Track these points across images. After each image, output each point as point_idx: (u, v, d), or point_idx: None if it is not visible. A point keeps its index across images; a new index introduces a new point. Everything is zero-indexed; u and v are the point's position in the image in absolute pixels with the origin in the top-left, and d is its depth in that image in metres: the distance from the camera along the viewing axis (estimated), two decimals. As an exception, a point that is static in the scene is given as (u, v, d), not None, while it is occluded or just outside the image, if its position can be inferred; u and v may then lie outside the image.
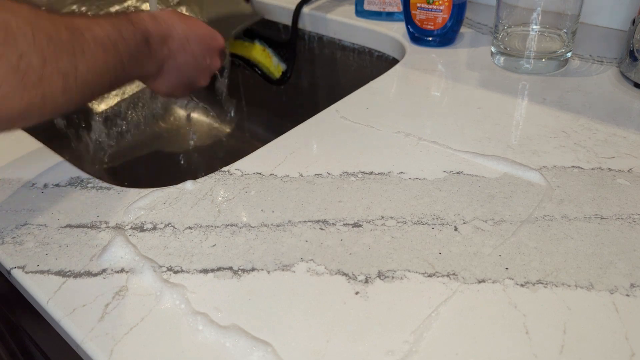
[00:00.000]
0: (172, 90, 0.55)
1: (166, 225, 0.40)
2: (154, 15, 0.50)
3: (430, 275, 0.34)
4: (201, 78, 0.57)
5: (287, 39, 0.80)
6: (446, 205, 0.40)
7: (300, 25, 0.79)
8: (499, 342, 0.30)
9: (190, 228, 0.39)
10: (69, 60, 0.36)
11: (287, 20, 0.79)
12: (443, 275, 0.34)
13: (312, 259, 0.36)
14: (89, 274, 0.36)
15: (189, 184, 0.44)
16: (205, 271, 0.36)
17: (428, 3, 0.62)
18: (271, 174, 0.44)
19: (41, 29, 0.35)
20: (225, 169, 0.45)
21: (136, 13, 0.49)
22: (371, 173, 0.44)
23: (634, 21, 0.54)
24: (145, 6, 0.69)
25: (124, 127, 0.83)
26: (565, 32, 0.56)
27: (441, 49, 0.64)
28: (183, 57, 0.53)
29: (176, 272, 0.36)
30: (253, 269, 0.36)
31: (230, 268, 0.36)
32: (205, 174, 0.45)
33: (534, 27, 0.57)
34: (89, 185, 0.44)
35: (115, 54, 0.42)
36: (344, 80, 0.79)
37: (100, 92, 0.42)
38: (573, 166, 0.43)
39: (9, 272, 0.37)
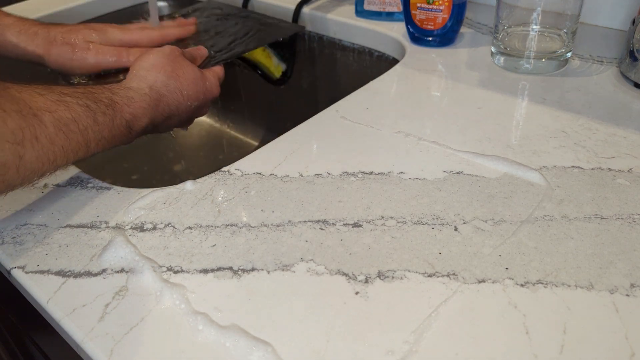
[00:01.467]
0: (172, 128, 0.55)
1: (166, 225, 0.40)
2: (151, 85, 0.48)
3: (430, 275, 0.34)
4: (202, 112, 0.57)
5: (287, 39, 0.80)
6: (446, 205, 0.40)
7: (300, 25, 0.79)
8: (499, 342, 0.30)
9: (190, 228, 0.39)
10: (10, 150, 0.34)
11: (287, 20, 0.79)
12: (443, 275, 0.34)
13: (312, 259, 0.36)
14: (89, 274, 0.36)
15: (189, 184, 0.44)
16: (205, 271, 0.36)
17: (428, 3, 0.62)
18: (271, 174, 0.44)
19: None
20: (225, 169, 0.45)
21: (126, 91, 0.46)
22: (371, 173, 0.44)
23: (634, 21, 0.54)
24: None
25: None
26: (565, 32, 0.56)
27: (441, 49, 0.64)
28: (174, 120, 0.52)
29: (176, 272, 0.36)
30: (253, 269, 0.36)
31: (230, 268, 0.36)
32: (205, 174, 0.45)
33: (534, 27, 0.57)
34: (89, 185, 0.44)
35: (79, 139, 0.39)
36: (344, 80, 0.79)
37: (52, 173, 0.38)
38: (573, 166, 0.43)
39: (9, 272, 0.37)
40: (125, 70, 0.58)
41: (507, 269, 0.34)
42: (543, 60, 0.57)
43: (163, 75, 0.50)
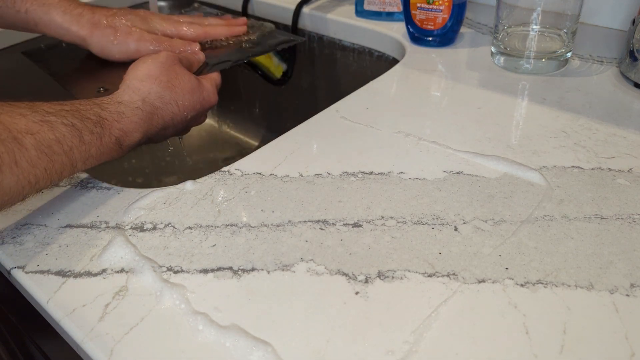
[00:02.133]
0: (167, 138, 0.54)
1: (166, 225, 0.40)
2: (144, 98, 0.46)
3: (430, 275, 0.34)
4: (199, 121, 0.57)
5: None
6: (446, 205, 0.40)
7: (300, 25, 0.79)
8: (499, 342, 0.30)
9: (190, 228, 0.39)
10: None
11: (287, 20, 0.79)
12: (443, 275, 0.34)
13: (312, 259, 0.36)
14: (89, 274, 0.36)
15: (189, 184, 0.44)
16: (205, 271, 0.36)
17: (428, 3, 0.62)
18: (271, 174, 0.44)
19: None
20: (225, 169, 0.45)
21: (117, 106, 0.44)
22: (371, 173, 0.44)
23: (634, 21, 0.54)
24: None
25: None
26: (565, 32, 0.56)
27: (441, 49, 0.64)
28: (170, 130, 0.51)
29: (176, 272, 0.36)
30: (253, 269, 0.36)
31: (230, 268, 0.36)
32: (205, 174, 0.45)
33: (534, 27, 0.57)
34: (89, 185, 0.44)
35: (64, 160, 0.38)
36: (344, 80, 0.79)
37: (35, 194, 0.37)
38: (573, 166, 0.43)
39: (9, 272, 0.37)
40: None
41: (507, 269, 0.34)
42: (543, 60, 0.57)
43: (158, 87, 0.48)
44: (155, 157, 0.86)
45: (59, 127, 0.38)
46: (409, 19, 0.64)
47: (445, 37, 0.64)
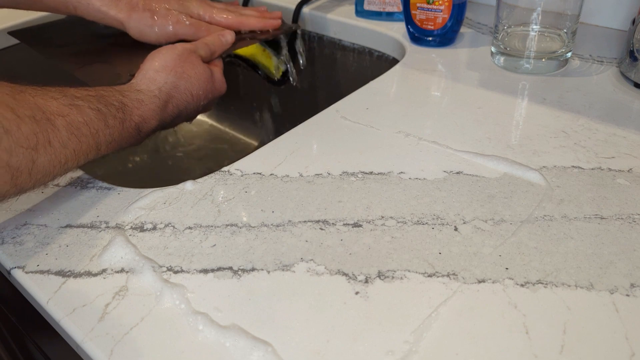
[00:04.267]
0: (178, 124, 0.55)
1: (166, 225, 0.40)
2: (160, 87, 0.48)
3: (430, 275, 0.34)
4: (208, 108, 0.58)
5: (287, 39, 0.80)
6: (446, 205, 0.40)
7: (300, 25, 0.79)
8: (499, 342, 0.30)
9: (190, 228, 0.39)
10: (24, 155, 0.34)
11: (287, 20, 0.79)
12: (443, 275, 0.34)
13: (312, 259, 0.36)
14: (89, 274, 0.36)
15: (189, 184, 0.44)
16: (205, 271, 0.36)
17: (428, 3, 0.62)
18: (271, 174, 0.44)
19: None
20: (225, 169, 0.45)
21: (136, 93, 0.46)
22: (371, 173, 0.44)
23: (634, 21, 0.54)
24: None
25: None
26: (565, 32, 0.56)
27: (441, 49, 0.64)
28: (182, 116, 0.53)
29: (176, 272, 0.36)
30: (253, 269, 0.36)
31: (230, 268, 0.36)
32: (205, 174, 0.45)
33: (534, 27, 0.57)
34: (89, 185, 0.44)
35: (91, 142, 0.40)
36: (344, 80, 0.79)
37: (63, 174, 0.39)
38: (573, 166, 0.43)
39: (9, 272, 0.37)
40: None
41: (507, 269, 0.34)
42: (543, 60, 0.57)
43: (173, 77, 0.50)
44: (155, 156, 0.86)
45: (87, 110, 0.40)
46: (409, 19, 0.64)
47: (445, 37, 0.64)
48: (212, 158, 0.90)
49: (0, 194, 0.34)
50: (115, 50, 0.64)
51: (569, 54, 0.58)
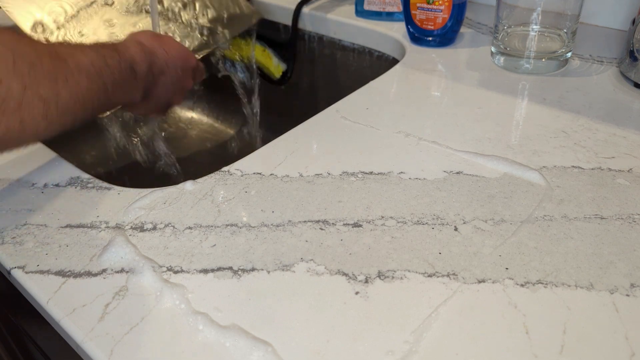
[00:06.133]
0: (150, 111, 0.56)
1: (166, 225, 0.40)
2: (139, 41, 0.50)
3: (430, 275, 0.34)
4: (177, 99, 0.58)
5: (287, 39, 0.80)
6: (446, 205, 0.40)
7: (300, 25, 0.79)
8: (499, 342, 0.30)
9: (190, 228, 0.39)
10: (50, 87, 0.36)
11: (287, 20, 0.80)
12: (443, 275, 0.34)
13: (312, 259, 0.36)
14: (89, 274, 0.36)
15: (189, 184, 0.44)
16: (205, 271, 0.36)
17: (428, 3, 0.62)
18: (271, 174, 0.44)
19: (23, 55, 0.35)
20: (225, 169, 0.45)
21: (121, 42, 0.49)
22: (371, 173, 0.44)
23: (634, 21, 0.54)
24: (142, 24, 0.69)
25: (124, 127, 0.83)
26: (565, 32, 0.56)
27: (441, 49, 0.64)
28: (163, 81, 0.53)
29: (176, 272, 0.36)
30: (253, 269, 0.36)
31: (230, 268, 0.36)
32: (205, 174, 0.45)
33: (534, 27, 0.57)
34: (89, 185, 0.44)
35: (99, 81, 0.41)
36: (344, 80, 0.79)
37: (82, 118, 0.41)
38: (573, 166, 0.43)
39: (9, 272, 0.37)
40: None
41: (507, 269, 0.34)
42: (543, 60, 0.57)
43: (147, 36, 0.53)
44: (155, 156, 0.86)
45: (88, 52, 0.42)
46: (409, 19, 0.64)
47: (445, 37, 0.64)
48: (212, 158, 0.90)
49: (33, 129, 0.36)
50: None
51: (569, 54, 0.58)
